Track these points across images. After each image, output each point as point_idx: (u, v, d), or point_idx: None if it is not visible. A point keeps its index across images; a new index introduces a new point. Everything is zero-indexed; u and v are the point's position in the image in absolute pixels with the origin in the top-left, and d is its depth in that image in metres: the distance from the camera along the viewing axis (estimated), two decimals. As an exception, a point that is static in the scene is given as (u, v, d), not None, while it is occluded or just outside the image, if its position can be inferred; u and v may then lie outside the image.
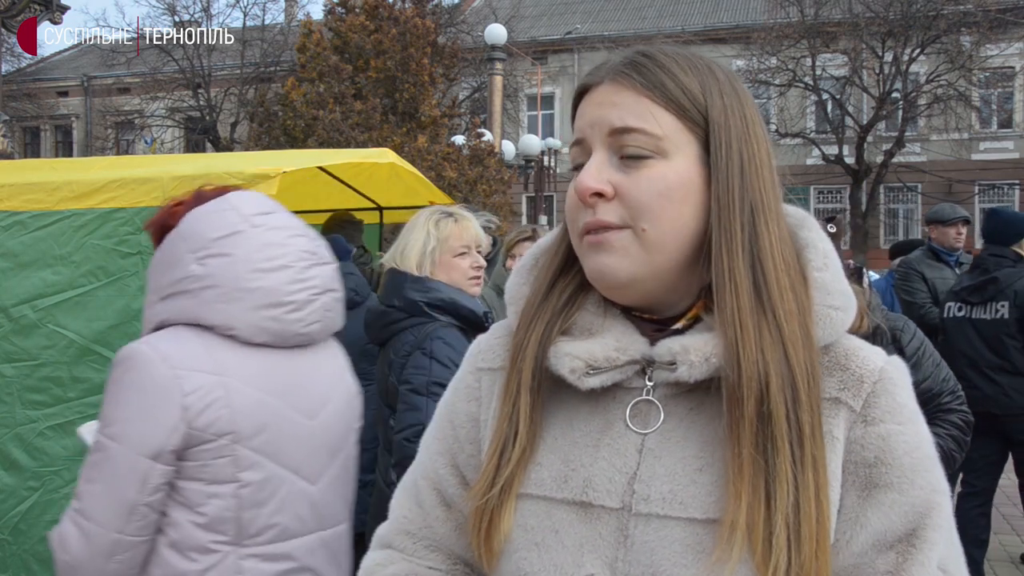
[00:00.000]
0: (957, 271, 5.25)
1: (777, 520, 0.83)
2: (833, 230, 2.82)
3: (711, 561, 0.84)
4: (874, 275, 7.26)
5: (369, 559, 1.09)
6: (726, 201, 0.91)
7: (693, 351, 0.89)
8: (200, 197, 1.77)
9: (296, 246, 1.75)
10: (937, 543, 0.87)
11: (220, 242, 1.67)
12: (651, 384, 0.94)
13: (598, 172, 0.91)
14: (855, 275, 3.01)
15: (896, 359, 0.94)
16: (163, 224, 1.77)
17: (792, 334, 0.88)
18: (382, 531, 1.11)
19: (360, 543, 3.77)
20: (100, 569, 1.56)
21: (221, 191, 1.79)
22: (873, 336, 2.88)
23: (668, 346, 0.91)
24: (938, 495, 0.89)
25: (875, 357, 0.93)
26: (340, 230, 4.43)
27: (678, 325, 0.94)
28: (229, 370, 1.63)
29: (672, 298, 0.95)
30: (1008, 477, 4.71)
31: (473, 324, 2.65)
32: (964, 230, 5.35)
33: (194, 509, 1.60)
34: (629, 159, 0.91)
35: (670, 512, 0.88)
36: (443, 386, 2.49)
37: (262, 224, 1.73)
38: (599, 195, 0.91)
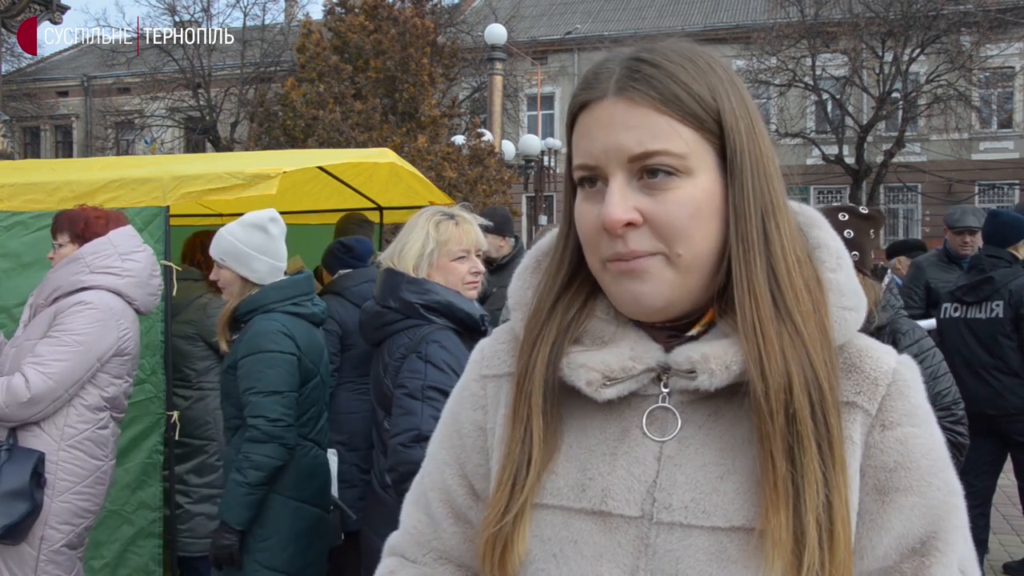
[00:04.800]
0: None
1: (809, 522, 0.82)
2: (865, 211, 2.74)
3: (741, 570, 0.83)
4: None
5: (380, 568, 1.09)
6: (743, 209, 0.88)
7: (713, 359, 0.87)
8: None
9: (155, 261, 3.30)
10: (958, 544, 0.87)
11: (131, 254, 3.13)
12: (667, 391, 0.92)
13: (623, 200, 0.86)
14: (878, 275, 2.92)
15: (907, 358, 0.93)
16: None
17: (811, 337, 0.86)
18: (392, 540, 1.10)
19: (354, 542, 3.70)
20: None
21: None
22: (877, 333, 2.85)
23: (686, 354, 0.89)
24: (954, 496, 0.88)
25: (887, 357, 0.92)
26: (357, 232, 4.38)
27: (693, 331, 0.92)
28: (131, 320, 3.14)
29: (691, 306, 0.93)
30: (1008, 477, 4.71)
31: (469, 327, 2.62)
32: (971, 239, 5.33)
33: (103, 388, 3.06)
34: (653, 181, 0.86)
35: (693, 521, 0.87)
36: (439, 390, 2.44)
37: (144, 248, 3.23)
38: (629, 224, 0.86)
